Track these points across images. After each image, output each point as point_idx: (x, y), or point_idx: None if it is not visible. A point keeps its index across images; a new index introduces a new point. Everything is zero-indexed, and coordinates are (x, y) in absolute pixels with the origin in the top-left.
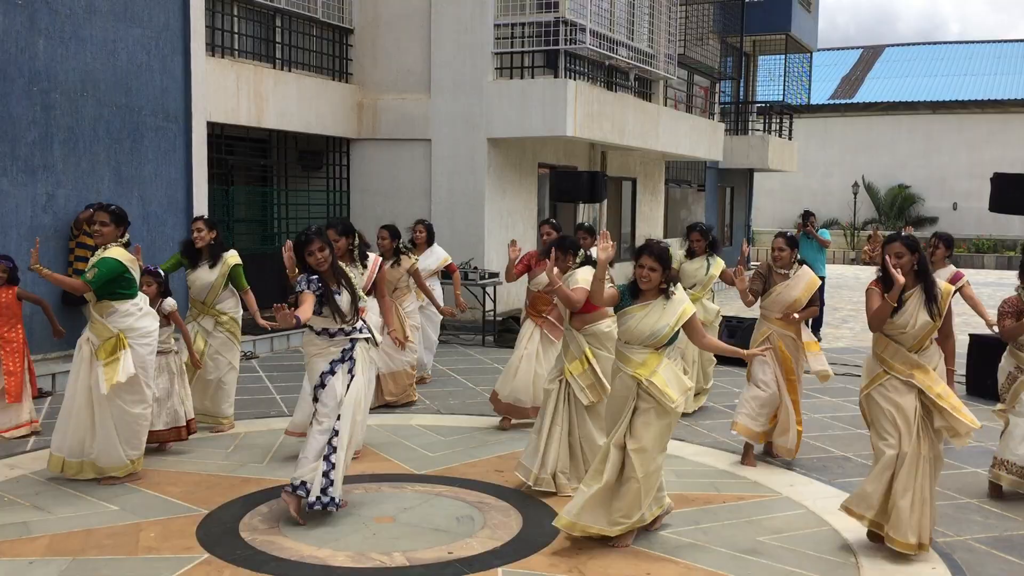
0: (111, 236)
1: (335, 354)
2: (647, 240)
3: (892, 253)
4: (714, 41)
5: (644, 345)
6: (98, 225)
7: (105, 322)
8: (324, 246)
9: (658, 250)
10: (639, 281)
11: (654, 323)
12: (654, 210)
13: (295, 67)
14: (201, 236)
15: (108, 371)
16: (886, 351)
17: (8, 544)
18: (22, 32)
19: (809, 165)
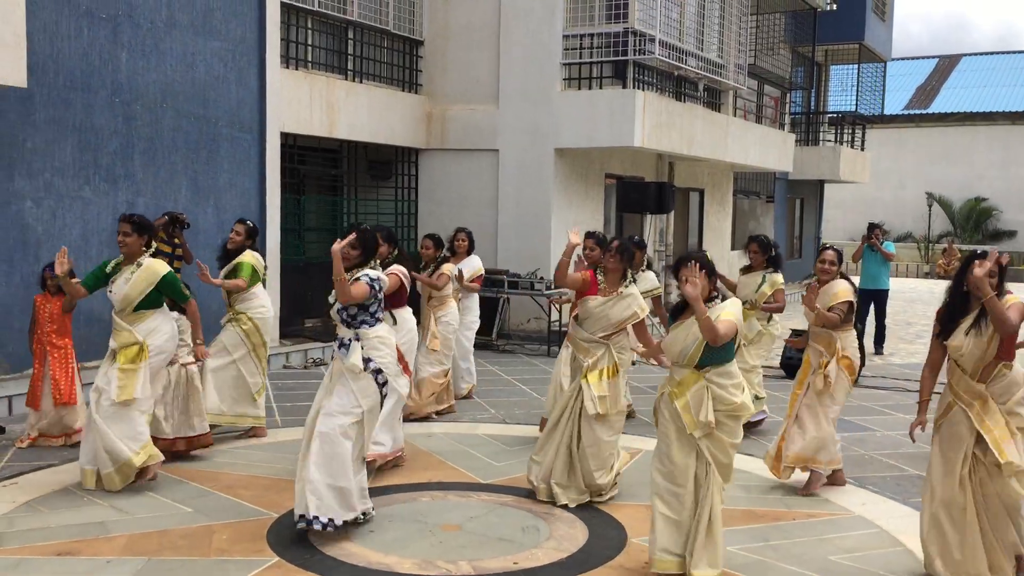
0: (136, 245)
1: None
2: (682, 254)
3: None
4: (785, 51)
5: (681, 365)
6: (121, 236)
7: (132, 329)
8: (358, 245)
9: (696, 257)
10: (685, 294)
11: (684, 339)
12: (722, 222)
13: (366, 78)
14: (236, 240)
15: (125, 380)
16: (952, 376)
17: (87, 543)
18: (106, 45)
19: (881, 176)
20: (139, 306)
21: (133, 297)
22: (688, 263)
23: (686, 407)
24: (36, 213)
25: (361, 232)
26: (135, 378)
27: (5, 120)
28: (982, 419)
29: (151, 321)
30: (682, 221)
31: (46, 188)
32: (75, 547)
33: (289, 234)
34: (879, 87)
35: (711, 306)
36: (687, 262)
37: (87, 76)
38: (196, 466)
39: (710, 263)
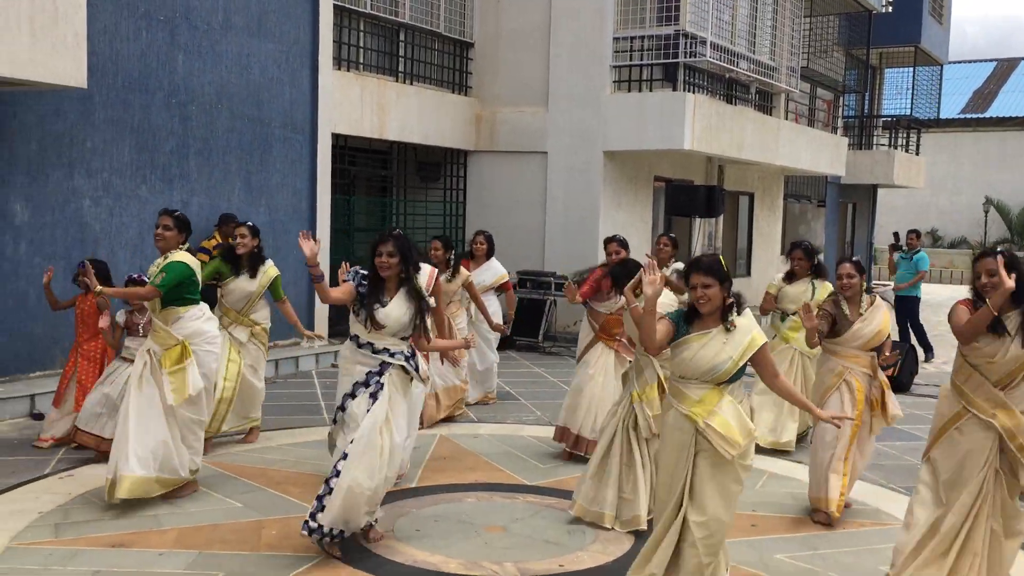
0: (174, 241)
1: (359, 374)
2: (694, 257)
3: (985, 271)
4: (839, 53)
5: (703, 381)
6: (161, 229)
7: (170, 329)
8: (395, 252)
9: (707, 263)
10: (697, 304)
11: (714, 355)
12: (771, 226)
13: (416, 80)
14: (244, 243)
15: (176, 381)
16: (968, 383)
17: (140, 535)
18: (163, 47)
19: (937, 182)
20: (167, 303)
21: (159, 292)
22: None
23: (725, 424)
24: (95, 212)
25: (396, 237)
26: (186, 376)
27: (66, 120)
28: (1013, 434)
29: (186, 320)
30: (731, 225)
31: (104, 187)
32: (129, 539)
33: (339, 234)
34: (935, 90)
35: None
36: (699, 269)
37: (145, 77)
38: (246, 462)
39: (725, 271)
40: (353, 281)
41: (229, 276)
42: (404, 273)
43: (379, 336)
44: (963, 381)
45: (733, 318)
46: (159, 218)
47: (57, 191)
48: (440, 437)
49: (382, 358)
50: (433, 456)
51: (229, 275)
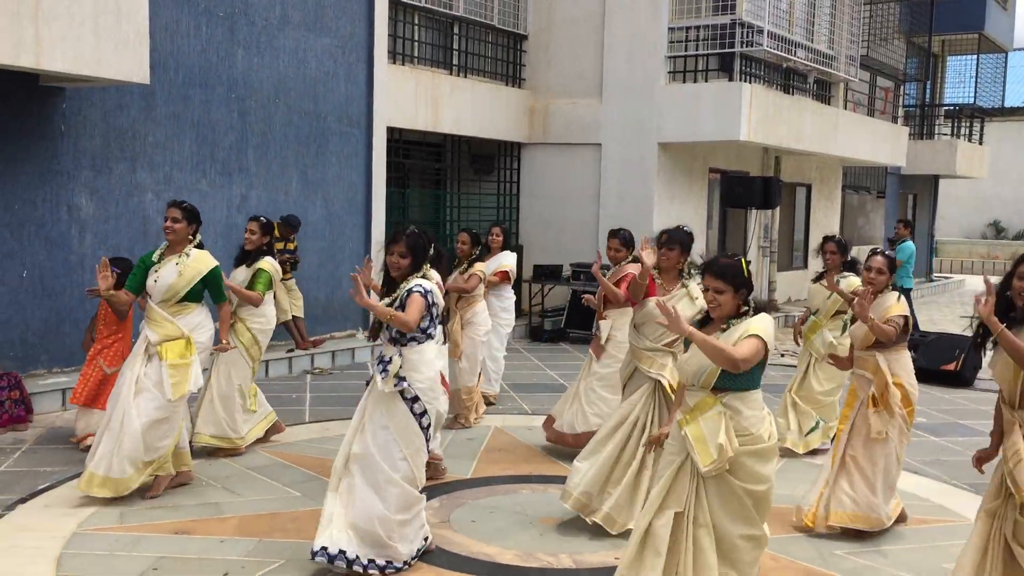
0: (183, 234)
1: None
2: (713, 257)
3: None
4: (899, 41)
5: (697, 387)
6: (170, 222)
7: (177, 322)
8: (407, 253)
9: (722, 266)
10: (709, 307)
11: (701, 358)
12: (829, 217)
13: (471, 73)
14: (253, 239)
15: (177, 375)
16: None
17: (202, 523)
18: (223, 43)
19: (1001, 172)
20: (184, 298)
21: (179, 288)
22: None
23: (699, 436)
24: (157, 205)
25: (408, 236)
26: (188, 373)
27: (128, 115)
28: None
29: (194, 316)
30: (788, 217)
31: (166, 181)
32: (190, 526)
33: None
34: (1000, 78)
35: (736, 323)
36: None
37: (205, 73)
38: (304, 452)
39: (743, 277)
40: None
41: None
42: (414, 275)
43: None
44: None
45: (730, 327)
46: (167, 210)
47: (120, 185)
48: (495, 429)
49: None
50: (488, 448)
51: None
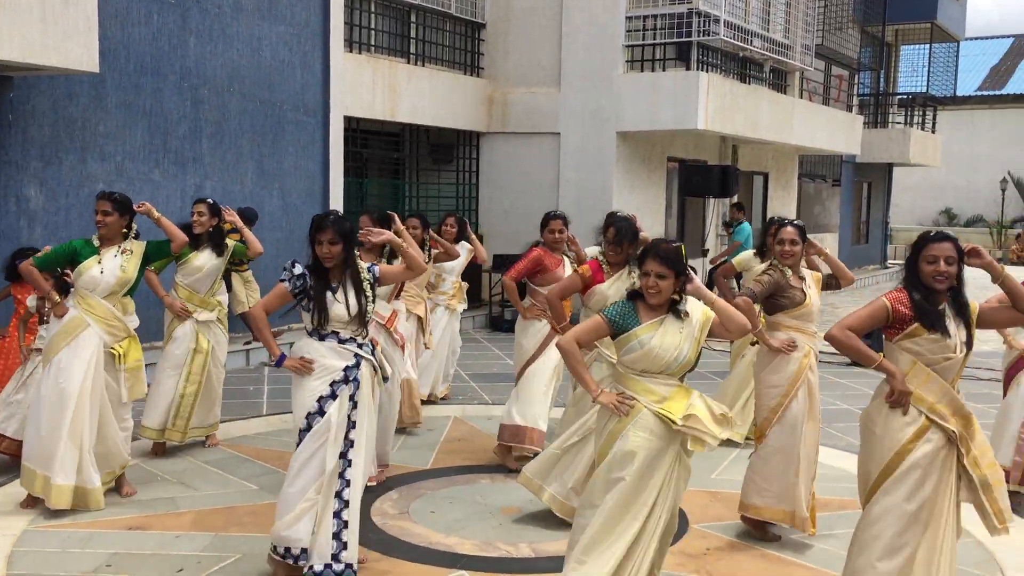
0: (116, 227)
1: (335, 371)
2: (653, 240)
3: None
4: (853, 30)
5: (668, 374)
6: (101, 215)
7: (125, 320)
8: (337, 239)
9: (667, 252)
10: (646, 293)
11: (677, 343)
12: (786, 206)
13: (428, 62)
14: (202, 221)
15: (135, 379)
16: (926, 387)
17: (157, 518)
18: (175, 30)
19: (953, 160)
20: (130, 291)
21: (132, 276)
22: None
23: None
24: None
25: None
26: (142, 373)
27: (78, 104)
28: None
29: (133, 313)
30: (745, 205)
31: (118, 171)
32: (146, 522)
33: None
34: (952, 67)
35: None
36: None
37: (157, 61)
38: (262, 445)
39: (683, 264)
40: (288, 284)
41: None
42: (347, 259)
43: (339, 326)
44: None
45: (685, 309)
46: (97, 202)
47: (71, 175)
48: (454, 419)
49: (353, 350)
50: (447, 438)
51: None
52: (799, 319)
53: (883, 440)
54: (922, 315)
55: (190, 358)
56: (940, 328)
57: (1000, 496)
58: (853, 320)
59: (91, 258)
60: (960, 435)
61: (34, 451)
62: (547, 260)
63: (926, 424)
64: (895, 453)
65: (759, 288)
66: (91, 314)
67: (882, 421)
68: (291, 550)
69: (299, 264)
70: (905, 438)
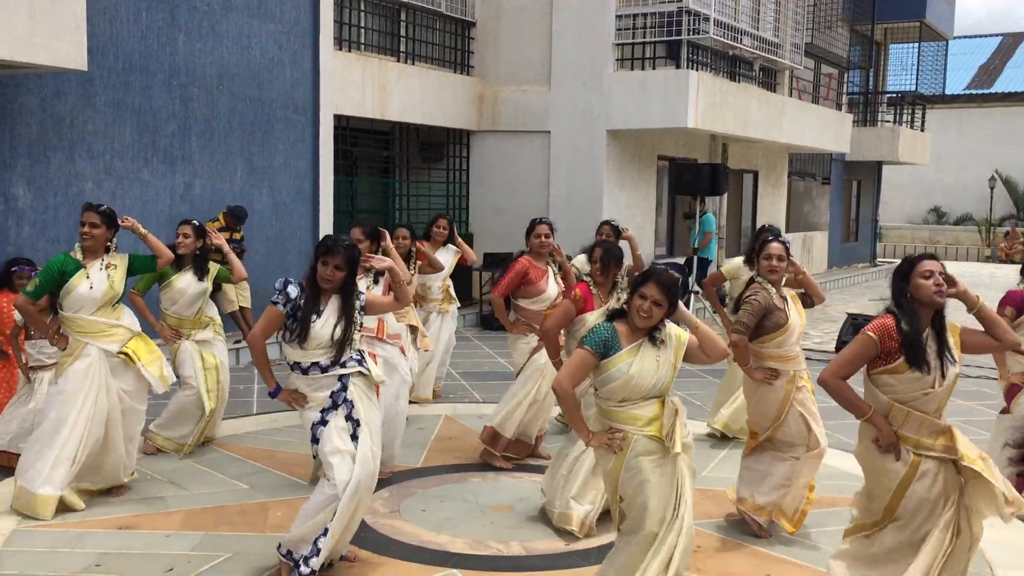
0: (102, 239)
1: (323, 400)
2: (653, 266)
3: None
4: (843, 29)
5: (647, 398)
6: (88, 227)
7: (121, 323)
8: (343, 267)
9: (670, 282)
10: (638, 315)
11: (654, 369)
12: (776, 204)
13: (418, 60)
14: (187, 244)
15: (157, 368)
16: (907, 426)
17: (147, 517)
18: (164, 28)
19: (942, 158)
20: (122, 299)
21: (118, 290)
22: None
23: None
24: (97, 194)
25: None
26: (163, 362)
27: (66, 103)
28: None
29: (128, 312)
30: (735, 203)
31: (106, 169)
32: (135, 521)
33: (341, 215)
34: (940, 66)
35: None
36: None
37: (145, 59)
38: (252, 444)
39: (679, 294)
40: (282, 307)
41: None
42: (345, 285)
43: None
44: (901, 425)
45: (661, 336)
46: (84, 214)
47: (59, 174)
48: (445, 418)
49: (336, 373)
50: (438, 436)
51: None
52: (780, 346)
53: (887, 471)
54: (908, 350)
55: (203, 377)
56: (922, 367)
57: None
58: (843, 364)
59: (77, 274)
60: (947, 448)
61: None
62: (532, 272)
63: (916, 459)
64: (900, 482)
65: (751, 319)
66: (85, 334)
67: (878, 461)
68: (294, 554)
69: (292, 284)
70: (902, 475)
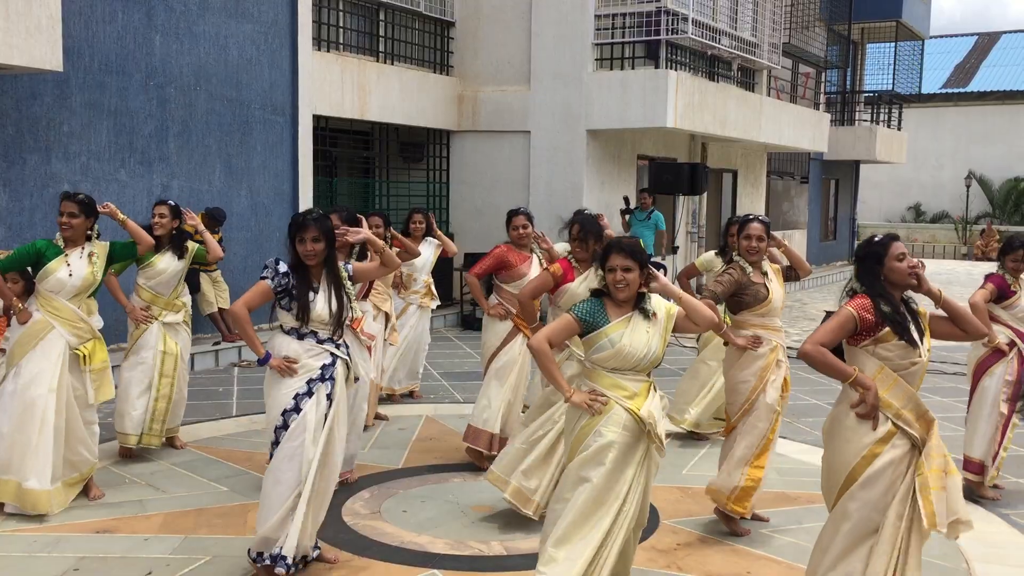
0: (81, 229)
1: (313, 369)
2: (612, 238)
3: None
4: (820, 29)
5: (637, 371)
6: (67, 217)
7: (89, 321)
8: (320, 237)
9: (630, 245)
10: (614, 288)
11: (645, 341)
12: (755, 203)
13: (397, 60)
14: (163, 223)
15: (101, 380)
16: (893, 392)
17: (125, 521)
18: (140, 28)
19: (919, 157)
20: (94, 293)
21: (98, 280)
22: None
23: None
24: None
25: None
26: (108, 375)
27: (42, 103)
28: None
29: (97, 314)
30: (715, 202)
31: (83, 171)
32: (114, 525)
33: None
34: (917, 65)
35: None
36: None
37: (122, 60)
38: (231, 446)
39: (643, 251)
40: (271, 281)
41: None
42: (329, 257)
43: (318, 325)
44: (888, 389)
45: (651, 307)
46: (62, 203)
47: (34, 176)
48: (426, 418)
49: (330, 349)
50: (419, 437)
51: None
52: (764, 316)
53: (850, 444)
54: (892, 323)
55: (160, 360)
56: (908, 337)
57: (936, 499)
58: (823, 334)
59: (57, 259)
60: (921, 439)
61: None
62: (511, 257)
63: (892, 430)
64: (861, 457)
65: (720, 288)
66: (56, 316)
67: (850, 426)
68: (264, 554)
69: (283, 262)
70: (872, 442)
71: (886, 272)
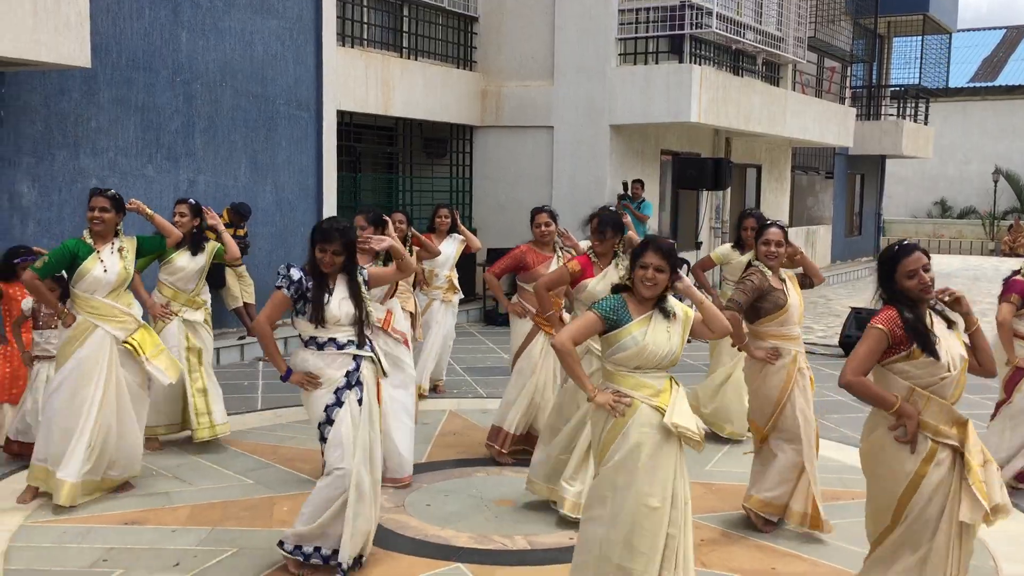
0: (111, 224)
1: (338, 378)
2: (650, 235)
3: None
4: (846, 23)
5: (660, 368)
6: (98, 212)
7: (130, 312)
8: (341, 251)
9: (668, 247)
10: (642, 285)
11: (666, 340)
12: (779, 198)
13: (421, 56)
14: (183, 222)
15: (164, 362)
16: (928, 411)
17: (153, 513)
18: (167, 25)
19: (946, 151)
20: (130, 285)
21: (131, 275)
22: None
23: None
24: None
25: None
26: (169, 354)
27: (70, 100)
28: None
29: (131, 300)
30: (739, 198)
31: (111, 166)
32: (142, 516)
33: (345, 211)
34: (944, 59)
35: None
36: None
37: (149, 56)
38: (257, 439)
39: (676, 256)
40: (287, 290)
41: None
42: (347, 266)
43: (336, 329)
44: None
45: (672, 308)
46: (92, 199)
47: (63, 171)
48: (449, 413)
49: (352, 352)
50: (442, 432)
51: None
52: (782, 325)
53: (894, 471)
54: (916, 338)
55: (185, 356)
56: (933, 352)
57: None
58: (859, 362)
59: (90, 257)
60: (961, 441)
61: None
62: (530, 257)
63: (934, 447)
64: (909, 482)
65: (744, 297)
66: (96, 315)
67: (892, 453)
68: (321, 550)
69: (295, 268)
70: (916, 466)
71: (898, 287)
